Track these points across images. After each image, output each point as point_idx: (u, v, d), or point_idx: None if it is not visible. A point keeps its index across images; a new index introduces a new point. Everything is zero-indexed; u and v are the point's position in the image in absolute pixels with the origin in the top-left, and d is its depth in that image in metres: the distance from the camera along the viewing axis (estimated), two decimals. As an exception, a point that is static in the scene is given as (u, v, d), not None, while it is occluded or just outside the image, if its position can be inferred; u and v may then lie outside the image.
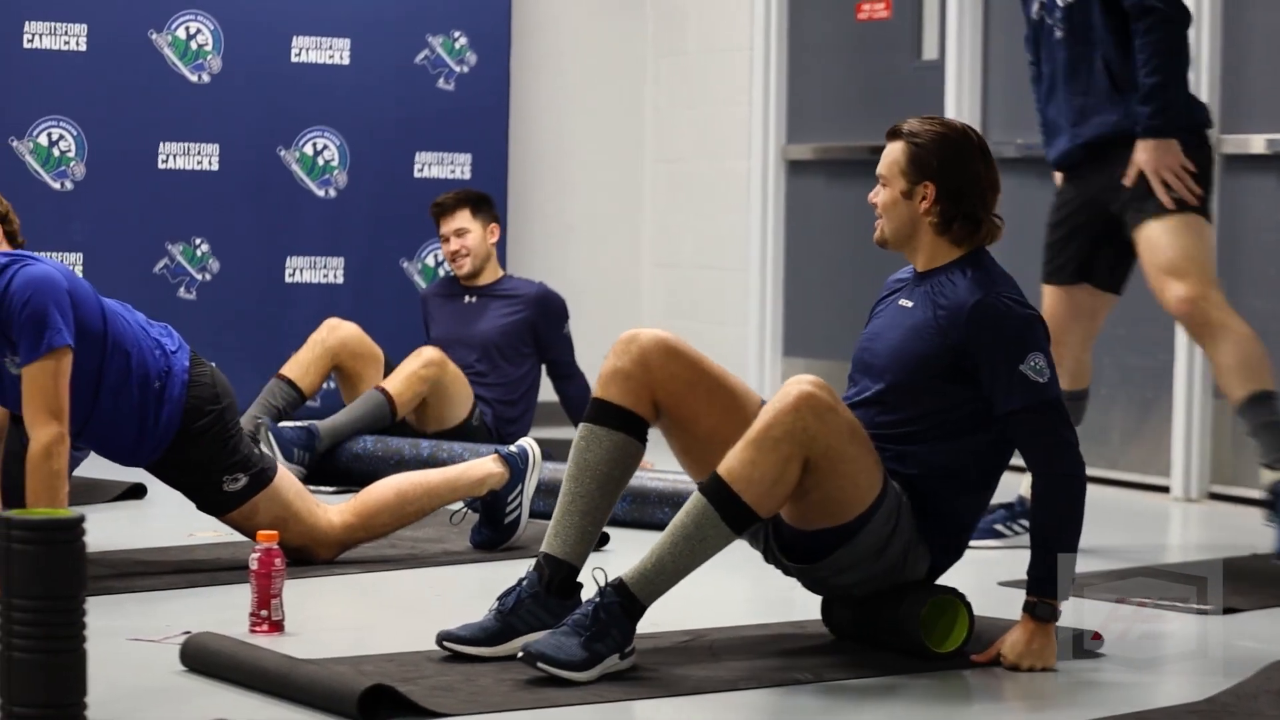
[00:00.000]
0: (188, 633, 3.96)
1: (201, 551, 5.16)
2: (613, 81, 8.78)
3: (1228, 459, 6.61)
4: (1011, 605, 4.07)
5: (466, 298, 7.13)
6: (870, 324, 4.19)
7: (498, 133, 8.35)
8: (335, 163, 8.03)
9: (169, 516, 5.57)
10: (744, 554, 4.17)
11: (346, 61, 8.05)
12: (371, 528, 5.01)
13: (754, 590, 4.78)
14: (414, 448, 6.42)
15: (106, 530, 5.19)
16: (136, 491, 6.10)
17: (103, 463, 5.25)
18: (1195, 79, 6.25)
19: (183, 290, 7.81)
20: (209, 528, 5.27)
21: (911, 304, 4.08)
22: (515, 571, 4.19)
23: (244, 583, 4.26)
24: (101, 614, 3.46)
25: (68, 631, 3.10)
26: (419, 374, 6.67)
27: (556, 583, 3.95)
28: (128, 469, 5.13)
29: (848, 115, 7.99)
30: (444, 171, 8.23)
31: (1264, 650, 4.16)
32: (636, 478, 5.44)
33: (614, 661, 3.78)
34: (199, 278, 7.85)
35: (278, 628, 4.16)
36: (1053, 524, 3.93)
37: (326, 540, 4.95)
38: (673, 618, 4.10)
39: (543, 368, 7.11)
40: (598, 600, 3.79)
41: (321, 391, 7.18)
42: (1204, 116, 5.35)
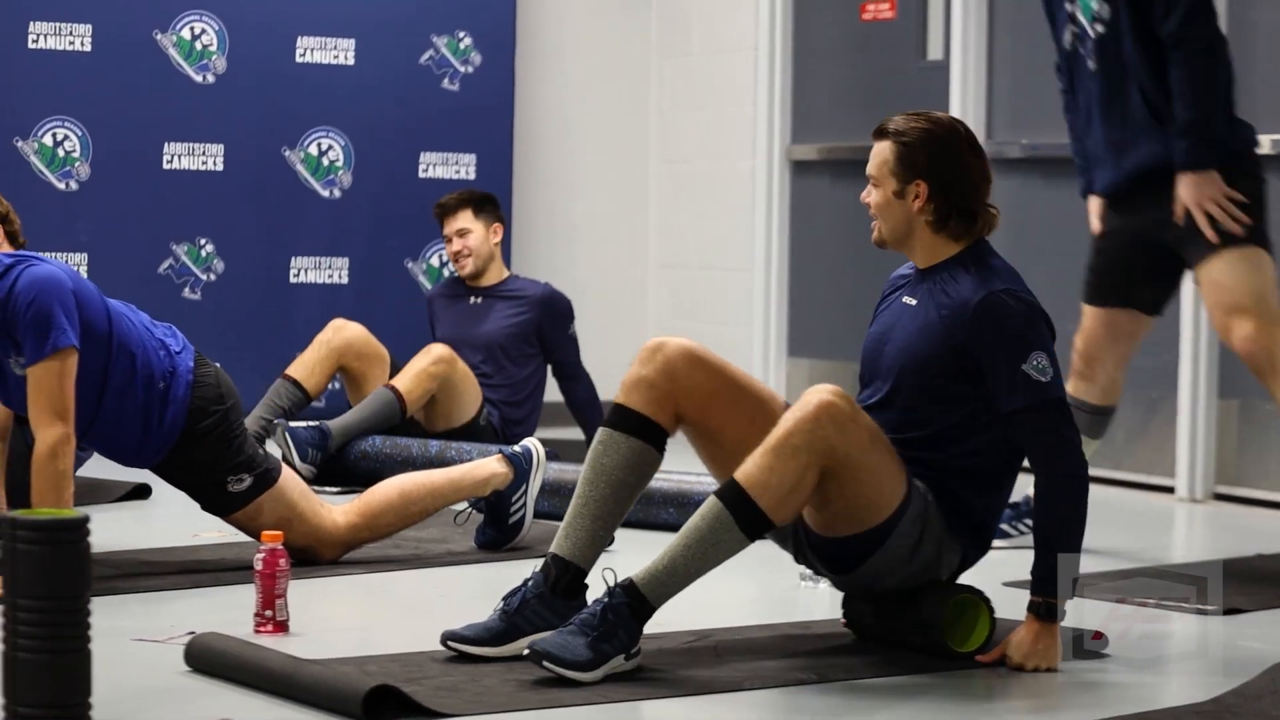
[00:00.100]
0: (192, 633, 3.96)
1: (206, 552, 5.16)
2: (617, 82, 8.78)
3: (1232, 459, 6.60)
4: (1017, 605, 4.07)
5: (472, 298, 7.12)
6: (875, 322, 4.18)
7: (502, 133, 8.35)
8: (340, 163, 8.03)
9: (173, 517, 5.57)
10: (749, 555, 4.15)
11: (351, 62, 8.05)
12: (376, 528, 5.01)
13: (759, 591, 4.78)
14: (422, 447, 6.42)
15: (111, 531, 5.20)
16: (141, 492, 6.10)
17: (107, 463, 5.25)
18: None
19: (187, 290, 7.82)
20: (213, 528, 5.27)
21: (915, 302, 4.07)
22: (519, 572, 4.18)
23: (248, 583, 4.26)
24: (106, 614, 3.46)
25: (72, 632, 3.10)
26: (429, 371, 6.65)
27: (563, 584, 3.94)
28: (132, 469, 5.13)
29: (852, 116, 7.99)
30: (448, 172, 8.23)
31: (1268, 651, 4.16)
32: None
33: (619, 662, 3.77)
34: (203, 278, 7.85)
35: (282, 628, 4.16)
36: (1056, 524, 3.92)
37: (331, 540, 4.95)
38: (678, 618, 4.10)
39: (548, 368, 7.11)
40: (606, 600, 3.78)
41: (326, 392, 7.18)
42: (1246, 143, 5.18)
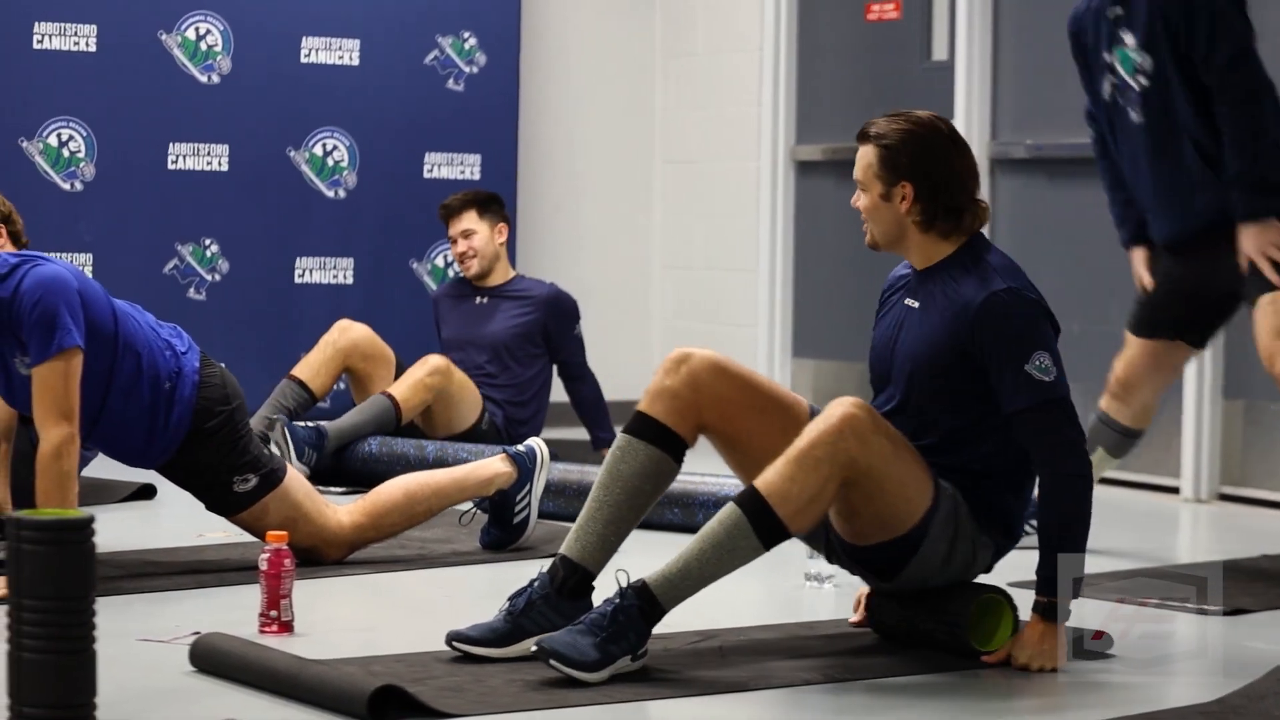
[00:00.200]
0: (197, 633, 3.96)
1: (211, 552, 5.17)
2: (622, 82, 8.78)
3: (1238, 460, 6.60)
4: (1022, 606, 4.07)
5: (478, 298, 7.13)
6: (879, 326, 4.17)
7: (507, 133, 8.35)
8: (345, 163, 8.03)
9: (178, 517, 5.58)
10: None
11: (356, 62, 8.05)
12: (380, 528, 5.02)
13: (765, 591, 4.78)
14: (419, 450, 6.42)
15: (116, 531, 5.19)
16: (146, 492, 6.10)
17: (112, 463, 5.25)
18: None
19: (192, 291, 7.82)
20: (218, 528, 5.27)
21: (917, 304, 4.07)
22: (524, 572, 4.18)
23: (253, 583, 4.25)
24: (111, 614, 3.46)
25: (77, 632, 3.10)
26: (424, 382, 6.67)
27: (570, 586, 3.94)
28: (137, 469, 5.13)
29: (857, 116, 7.90)
30: (453, 172, 8.22)
31: (1273, 651, 4.16)
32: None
33: (625, 663, 3.77)
34: (208, 278, 7.85)
35: (287, 628, 4.16)
36: (1060, 523, 3.92)
37: (336, 541, 4.95)
38: (684, 619, 4.09)
39: (554, 369, 7.11)
40: (617, 602, 3.78)
41: (332, 393, 7.18)
42: None
